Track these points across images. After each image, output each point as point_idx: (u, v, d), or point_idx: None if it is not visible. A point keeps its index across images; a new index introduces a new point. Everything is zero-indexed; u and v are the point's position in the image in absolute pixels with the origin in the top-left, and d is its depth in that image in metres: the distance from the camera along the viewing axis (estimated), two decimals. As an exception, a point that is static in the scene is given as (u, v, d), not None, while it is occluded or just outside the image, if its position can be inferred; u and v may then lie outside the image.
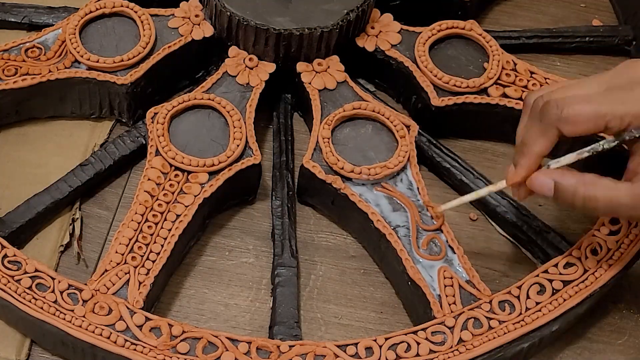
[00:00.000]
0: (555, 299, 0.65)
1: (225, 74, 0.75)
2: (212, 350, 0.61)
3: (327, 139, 0.72)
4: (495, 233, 0.75)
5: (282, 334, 0.65)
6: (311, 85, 0.76)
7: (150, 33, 0.75)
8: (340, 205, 0.71)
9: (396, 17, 0.80)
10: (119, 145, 0.74)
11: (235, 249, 0.72)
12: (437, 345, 0.63)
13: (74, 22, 0.75)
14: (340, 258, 0.72)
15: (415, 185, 0.71)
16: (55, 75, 0.73)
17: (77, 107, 0.77)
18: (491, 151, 0.80)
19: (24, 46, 0.75)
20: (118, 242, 0.65)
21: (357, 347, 0.62)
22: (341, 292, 0.71)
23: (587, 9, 0.93)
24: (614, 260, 0.67)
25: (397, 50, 0.79)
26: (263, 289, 0.70)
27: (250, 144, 0.71)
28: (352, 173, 0.70)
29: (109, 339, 0.61)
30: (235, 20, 0.74)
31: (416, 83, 0.77)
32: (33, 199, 0.70)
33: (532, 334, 0.64)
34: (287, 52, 0.76)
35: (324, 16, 0.75)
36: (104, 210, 0.73)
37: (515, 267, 0.73)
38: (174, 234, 0.66)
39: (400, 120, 0.74)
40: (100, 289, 0.63)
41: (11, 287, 0.62)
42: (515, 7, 0.92)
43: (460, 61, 0.79)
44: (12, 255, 0.64)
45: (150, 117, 0.72)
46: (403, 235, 0.68)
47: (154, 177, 0.68)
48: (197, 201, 0.68)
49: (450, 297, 0.65)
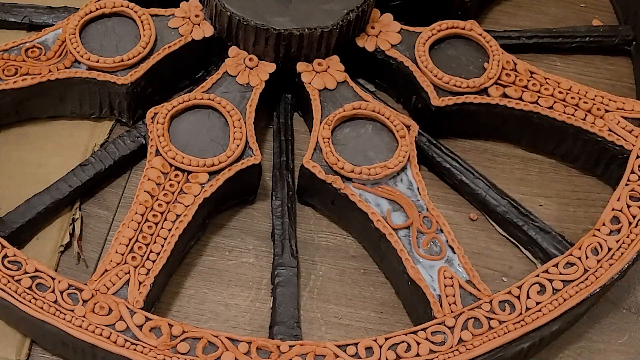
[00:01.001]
0: (556, 299, 0.65)
1: (225, 74, 0.75)
2: (212, 350, 0.61)
3: (327, 139, 0.72)
4: (495, 233, 0.75)
5: (282, 334, 0.65)
6: (311, 85, 0.76)
7: (151, 33, 0.75)
8: (340, 205, 0.71)
9: (396, 17, 0.80)
10: (119, 145, 0.74)
11: (235, 249, 0.72)
12: (437, 345, 0.63)
13: (74, 22, 0.75)
14: (340, 258, 0.72)
15: (415, 185, 0.71)
16: (55, 75, 0.73)
17: (77, 107, 0.77)
18: (491, 151, 0.80)
19: (24, 46, 0.75)
20: (118, 242, 0.65)
21: (357, 347, 0.62)
22: (341, 292, 0.71)
23: (587, 9, 0.93)
24: (614, 260, 0.67)
25: (397, 50, 0.79)
26: (263, 289, 0.70)
27: (250, 144, 0.71)
28: (352, 173, 0.70)
29: (109, 339, 0.61)
30: (236, 20, 0.74)
31: (416, 83, 0.77)
32: (33, 199, 0.70)
33: (532, 334, 0.64)
34: (287, 52, 0.76)
35: (324, 16, 0.75)
36: (104, 210, 0.73)
37: (515, 267, 0.73)
38: (174, 234, 0.66)
39: (401, 120, 0.74)
40: (100, 289, 0.63)
41: (11, 287, 0.62)
42: (515, 7, 0.92)
43: (460, 61, 0.79)
44: (12, 255, 0.64)
45: (150, 117, 0.72)
46: (403, 235, 0.68)
47: (154, 177, 0.68)
48: (197, 201, 0.68)
49: (450, 297, 0.65)
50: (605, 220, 0.70)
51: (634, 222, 0.69)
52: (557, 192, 0.78)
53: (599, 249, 0.68)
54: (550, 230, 0.72)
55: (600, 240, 0.68)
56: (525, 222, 0.72)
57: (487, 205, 0.74)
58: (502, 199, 0.74)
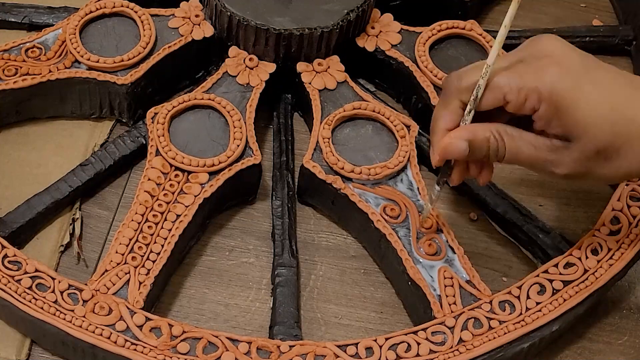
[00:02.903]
0: (556, 299, 0.65)
1: (226, 74, 0.75)
2: (212, 350, 0.61)
3: (327, 139, 0.72)
4: (495, 233, 0.75)
5: (282, 334, 0.65)
6: (311, 85, 0.76)
7: (151, 33, 0.75)
8: (340, 205, 0.71)
9: (396, 17, 0.80)
10: (119, 145, 0.74)
11: (235, 249, 0.72)
12: (438, 345, 0.63)
13: (74, 22, 0.75)
14: (340, 258, 0.72)
15: (416, 185, 0.71)
16: (55, 75, 0.73)
17: (77, 107, 0.77)
18: (491, 151, 0.80)
19: (24, 46, 0.75)
20: (118, 242, 0.65)
21: (357, 347, 0.62)
22: (341, 292, 0.71)
23: (587, 9, 0.93)
24: (614, 260, 0.67)
25: (397, 50, 0.79)
26: (263, 289, 0.70)
27: (250, 144, 0.71)
28: (352, 173, 0.70)
29: (109, 339, 0.61)
30: (236, 20, 0.74)
31: (416, 83, 0.77)
32: (33, 199, 0.70)
33: (532, 334, 0.64)
34: (287, 52, 0.76)
35: (324, 16, 0.75)
36: (104, 210, 0.73)
37: (515, 267, 0.73)
38: (174, 234, 0.66)
39: (401, 120, 0.74)
40: (101, 289, 0.63)
41: (11, 287, 0.62)
42: (515, 7, 0.92)
43: (461, 61, 0.79)
44: (12, 255, 0.64)
45: (151, 117, 0.72)
46: (403, 235, 0.68)
47: (154, 177, 0.68)
48: (197, 201, 0.68)
49: (450, 297, 0.65)
50: (605, 220, 0.70)
51: (634, 222, 0.70)
52: (557, 192, 0.78)
53: (599, 249, 0.68)
54: (550, 230, 0.72)
55: (600, 240, 0.68)
56: (525, 222, 0.72)
57: (487, 205, 0.74)
58: (502, 199, 0.74)
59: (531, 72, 0.57)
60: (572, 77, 0.57)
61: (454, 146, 0.60)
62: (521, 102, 0.58)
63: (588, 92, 0.56)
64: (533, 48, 0.59)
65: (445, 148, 0.60)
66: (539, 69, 0.57)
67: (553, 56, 0.58)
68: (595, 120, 0.56)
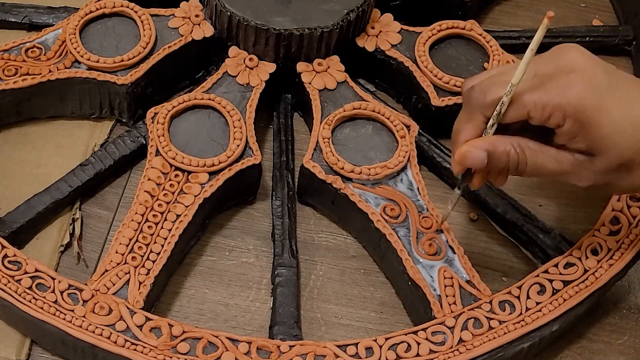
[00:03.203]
0: (556, 299, 0.65)
1: (226, 74, 0.75)
2: (212, 350, 0.61)
3: (327, 139, 0.72)
4: (495, 233, 0.75)
5: (282, 334, 0.65)
6: (311, 85, 0.76)
7: (151, 33, 0.75)
8: (340, 205, 0.71)
9: (396, 17, 0.80)
10: (119, 145, 0.74)
11: (235, 249, 0.72)
12: (438, 345, 0.63)
13: (74, 22, 0.75)
14: (340, 258, 0.72)
15: (416, 185, 0.71)
16: (55, 75, 0.73)
17: (77, 107, 0.77)
18: (491, 151, 0.80)
19: (24, 46, 0.75)
20: (118, 242, 0.65)
21: (357, 347, 0.62)
22: (341, 292, 0.71)
23: (587, 9, 0.93)
24: (614, 260, 0.67)
25: (397, 50, 0.79)
26: (263, 289, 0.70)
27: (250, 144, 0.71)
28: (352, 173, 0.70)
29: (109, 339, 0.61)
30: (236, 20, 0.74)
31: (416, 83, 0.77)
32: (33, 199, 0.70)
33: (532, 334, 0.64)
34: (287, 52, 0.76)
35: (324, 16, 0.75)
36: (104, 210, 0.73)
37: (515, 267, 0.73)
38: (174, 234, 0.66)
39: (401, 120, 0.74)
40: (101, 289, 0.63)
41: (11, 287, 0.62)
42: (515, 7, 0.92)
43: (461, 61, 0.79)
44: (12, 255, 0.64)
45: (151, 117, 0.72)
46: (403, 235, 0.68)
47: (154, 177, 0.68)
48: (197, 201, 0.68)
49: (450, 297, 0.65)
50: (605, 220, 0.70)
51: (634, 222, 0.70)
52: (557, 192, 0.78)
53: (599, 249, 0.68)
54: (550, 230, 0.72)
55: (600, 241, 0.68)
56: (525, 222, 0.72)
57: (487, 205, 0.74)
58: (502, 199, 0.74)
59: (556, 88, 0.57)
60: (597, 94, 0.57)
61: (472, 154, 0.60)
62: (545, 118, 0.58)
63: (612, 109, 0.57)
64: (559, 61, 0.59)
65: (464, 155, 0.60)
66: (564, 86, 0.57)
67: (577, 71, 0.58)
68: (619, 136, 0.57)
